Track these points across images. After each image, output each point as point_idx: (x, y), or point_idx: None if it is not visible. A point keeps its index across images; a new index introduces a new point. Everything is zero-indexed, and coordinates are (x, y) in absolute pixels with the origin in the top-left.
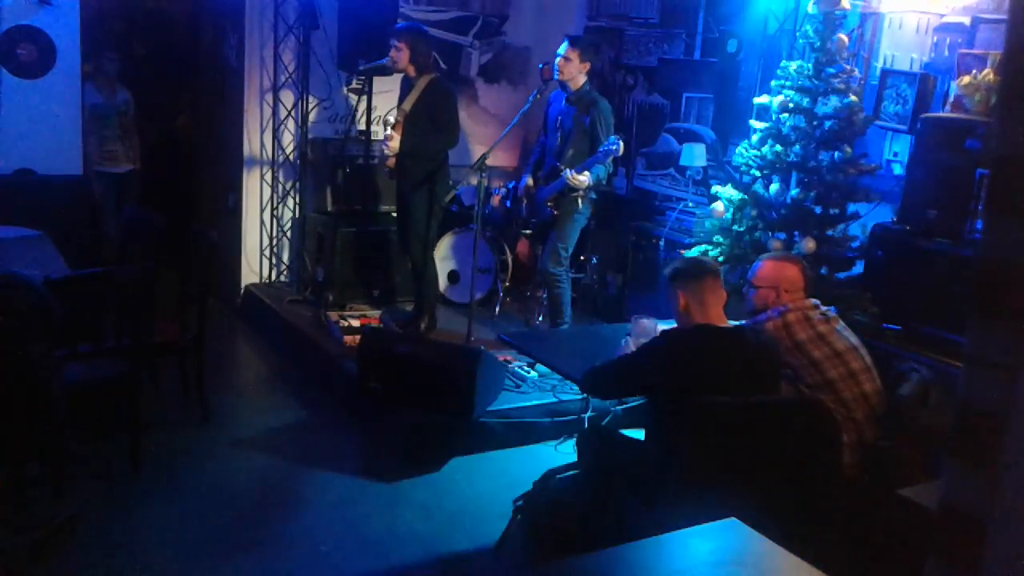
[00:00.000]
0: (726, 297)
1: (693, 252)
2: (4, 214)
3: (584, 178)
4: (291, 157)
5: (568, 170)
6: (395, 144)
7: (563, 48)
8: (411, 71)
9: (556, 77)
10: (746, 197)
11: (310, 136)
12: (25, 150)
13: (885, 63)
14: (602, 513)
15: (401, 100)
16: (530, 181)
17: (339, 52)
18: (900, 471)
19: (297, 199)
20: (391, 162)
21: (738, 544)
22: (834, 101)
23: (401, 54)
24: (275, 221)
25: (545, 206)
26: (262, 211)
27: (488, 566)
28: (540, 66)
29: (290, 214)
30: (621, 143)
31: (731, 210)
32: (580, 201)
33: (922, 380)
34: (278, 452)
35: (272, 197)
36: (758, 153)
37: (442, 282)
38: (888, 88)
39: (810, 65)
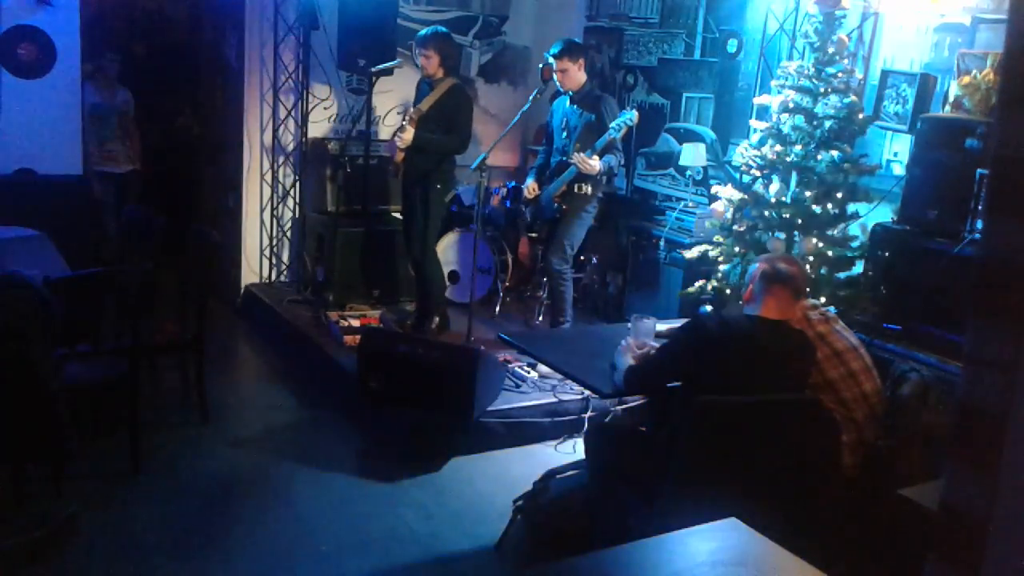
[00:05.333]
0: (793, 304)
1: (693, 252)
2: (4, 214)
3: (595, 163)
4: (291, 157)
5: (578, 154)
6: (408, 137)
7: (554, 64)
8: (439, 74)
9: (560, 89)
10: (746, 197)
11: (310, 136)
12: (25, 150)
13: (885, 63)
14: (604, 512)
15: (418, 100)
16: (533, 184)
17: (339, 52)
18: (900, 471)
19: (297, 199)
20: (400, 156)
21: (738, 544)
22: (834, 101)
23: (431, 61)
24: (275, 221)
25: (552, 203)
26: (262, 211)
27: (488, 566)
28: (540, 66)
29: (290, 214)
30: (636, 112)
31: (731, 210)
32: (589, 197)
33: (922, 380)
34: (278, 452)
35: (272, 197)
36: (758, 153)
37: None
38: (888, 88)
39: (810, 65)
